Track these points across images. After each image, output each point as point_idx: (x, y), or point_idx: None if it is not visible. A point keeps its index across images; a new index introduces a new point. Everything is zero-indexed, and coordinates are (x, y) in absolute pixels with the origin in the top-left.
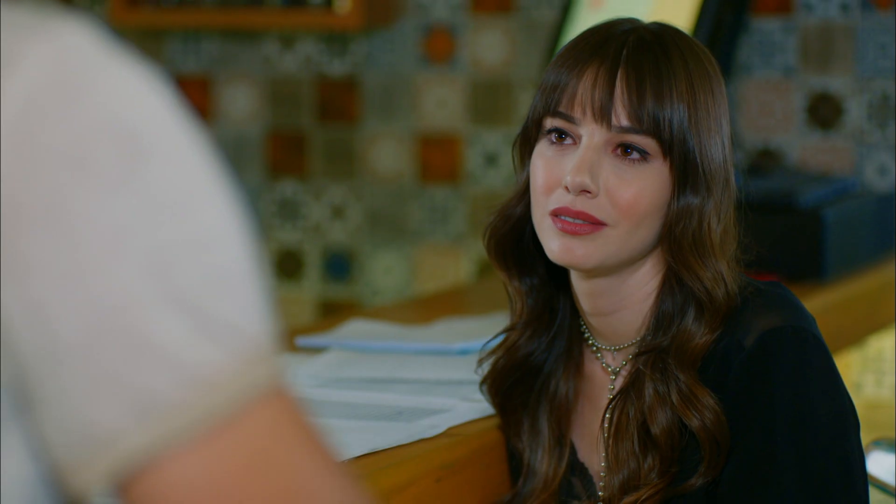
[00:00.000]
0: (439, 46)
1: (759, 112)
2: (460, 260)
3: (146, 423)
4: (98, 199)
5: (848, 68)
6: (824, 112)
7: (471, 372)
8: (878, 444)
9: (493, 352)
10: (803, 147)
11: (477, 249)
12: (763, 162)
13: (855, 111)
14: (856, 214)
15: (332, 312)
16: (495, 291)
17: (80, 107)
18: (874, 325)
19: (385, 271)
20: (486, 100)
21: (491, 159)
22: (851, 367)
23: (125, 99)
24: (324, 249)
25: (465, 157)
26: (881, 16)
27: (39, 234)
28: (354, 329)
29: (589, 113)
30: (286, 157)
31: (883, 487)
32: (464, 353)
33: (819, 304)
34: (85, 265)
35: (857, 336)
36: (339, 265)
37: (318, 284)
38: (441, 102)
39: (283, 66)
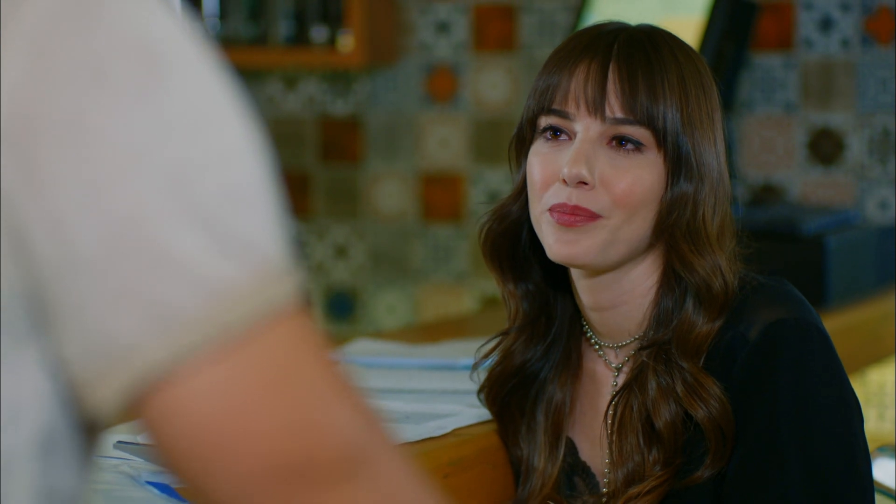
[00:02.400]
0: (442, 85)
1: (761, 148)
2: (463, 298)
3: (164, 336)
4: (117, 113)
5: (849, 104)
6: (825, 147)
7: (476, 383)
8: (883, 450)
9: (487, 355)
10: (805, 182)
11: (480, 287)
12: (765, 197)
13: (856, 146)
14: (857, 244)
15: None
16: (499, 321)
17: (100, 22)
18: (875, 355)
19: (388, 310)
20: (489, 138)
21: (494, 198)
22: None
23: (144, 16)
24: (327, 289)
25: (467, 195)
26: (881, 51)
27: (58, 148)
28: (361, 348)
29: (583, 107)
30: (289, 197)
31: (887, 493)
32: (469, 368)
33: None
34: (103, 178)
35: (857, 364)
36: (342, 304)
37: (320, 324)
38: (444, 141)
39: (287, 106)
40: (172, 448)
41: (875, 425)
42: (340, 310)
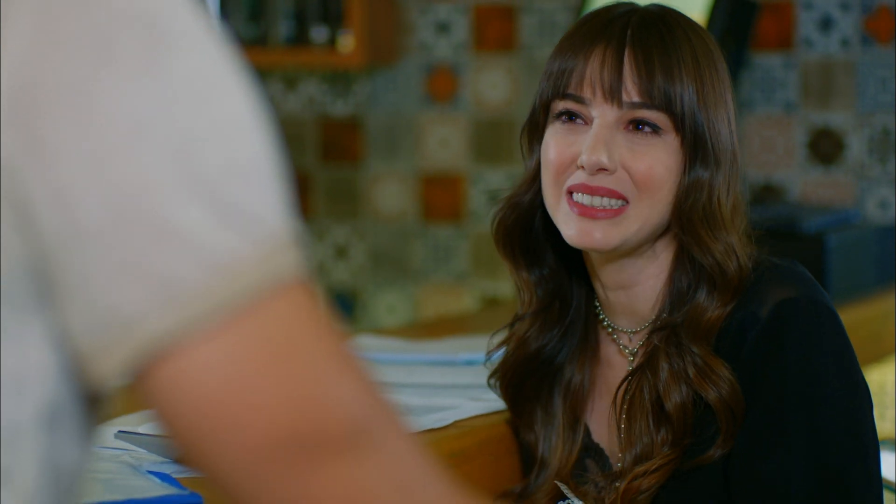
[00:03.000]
0: (442, 86)
1: (761, 148)
2: (463, 298)
3: (167, 308)
4: (121, 85)
5: (848, 103)
6: (825, 147)
7: (476, 377)
8: (883, 443)
9: (502, 343)
10: (805, 182)
11: (480, 287)
12: (765, 196)
13: (856, 146)
14: (857, 243)
15: None
16: (499, 320)
17: None
18: (875, 354)
19: (388, 310)
20: (489, 138)
21: (494, 198)
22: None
23: None
24: (327, 289)
25: (467, 195)
26: (881, 50)
27: (63, 120)
28: (362, 344)
29: (599, 93)
30: (289, 198)
31: (888, 486)
32: (469, 363)
33: None
34: (107, 150)
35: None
36: (343, 305)
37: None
38: (444, 141)
39: (287, 107)
40: (175, 420)
41: (876, 425)
42: (341, 310)
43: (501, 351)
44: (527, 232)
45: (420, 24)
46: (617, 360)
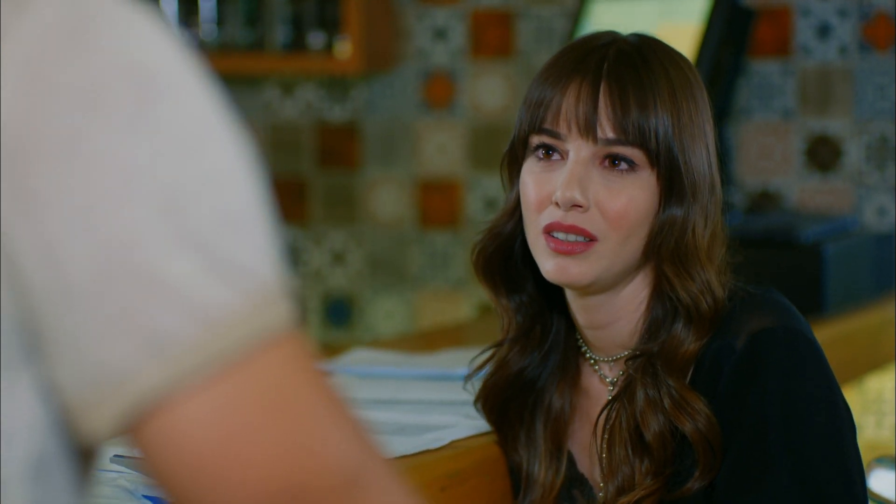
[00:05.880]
0: (439, 92)
1: (759, 155)
2: (460, 305)
3: (157, 363)
4: (110, 137)
5: (846, 110)
6: (823, 154)
7: (472, 393)
8: (880, 461)
9: (481, 367)
10: (802, 189)
11: (478, 294)
12: (762, 203)
13: (854, 153)
14: (855, 251)
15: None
16: (496, 329)
17: (93, 46)
18: (874, 362)
19: (385, 316)
20: (486, 145)
21: (491, 204)
22: (851, 409)
23: (137, 39)
24: (324, 295)
25: (465, 202)
26: (879, 57)
27: (52, 172)
28: (357, 357)
29: (574, 128)
30: (286, 204)
31: None
32: (465, 380)
33: (819, 338)
34: (97, 203)
35: (855, 372)
36: (340, 311)
37: (318, 330)
38: (441, 147)
39: (284, 113)
40: (167, 474)
41: (873, 433)
42: (338, 316)
43: (482, 373)
44: (507, 260)
45: (417, 30)
46: (597, 388)
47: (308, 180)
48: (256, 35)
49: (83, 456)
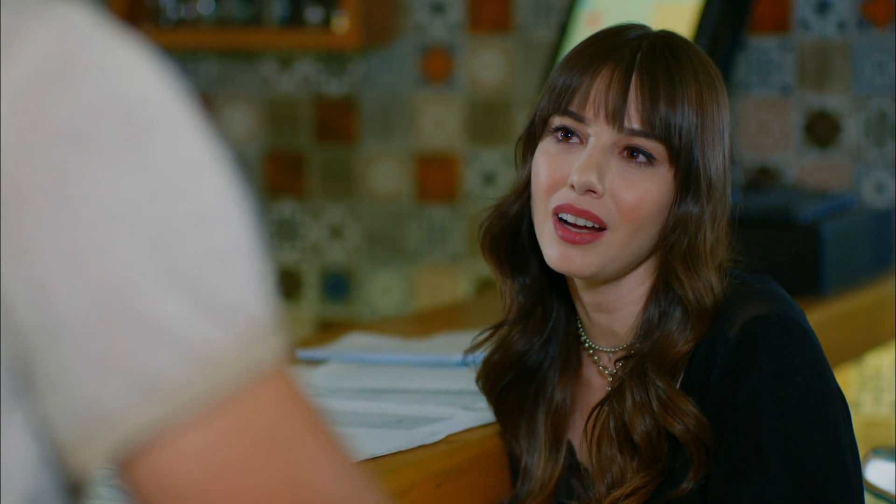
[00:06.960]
0: (437, 66)
1: (757, 130)
2: (458, 279)
3: (148, 402)
4: (100, 177)
5: (845, 86)
6: (822, 130)
7: (470, 382)
8: (877, 452)
9: (481, 344)
10: (801, 165)
11: (475, 269)
12: (761, 180)
13: (852, 129)
14: (854, 230)
15: (330, 331)
16: (494, 307)
17: (82, 85)
18: (873, 341)
19: (383, 291)
20: (484, 119)
21: (489, 179)
22: (850, 385)
23: (126, 77)
24: (322, 269)
25: (463, 176)
26: (878, 33)
27: (41, 213)
28: (353, 342)
29: (602, 114)
30: (284, 178)
31: (882, 496)
32: (463, 364)
33: (818, 318)
34: (86, 244)
35: (855, 351)
36: (338, 285)
37: (316, 304)
38: (439, 122)
39: (282, 87)
40: None
41: (871, 409)
42: (336, 291)
43: (482, 353)
44: (513, 240)
45: (415, 4)
46: (597, 380)
47: (306, 155)
48: (254, 9)
49: (74, 493)
